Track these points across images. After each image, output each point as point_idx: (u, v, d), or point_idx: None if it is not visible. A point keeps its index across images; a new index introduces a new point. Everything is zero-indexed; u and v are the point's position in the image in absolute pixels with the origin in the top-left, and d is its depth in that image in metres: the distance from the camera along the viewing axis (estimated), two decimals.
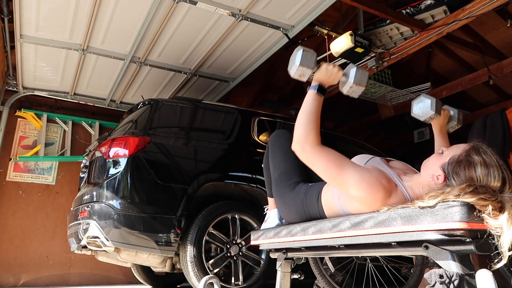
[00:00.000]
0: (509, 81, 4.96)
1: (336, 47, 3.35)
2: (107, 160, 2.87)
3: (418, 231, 1.11)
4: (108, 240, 2.66)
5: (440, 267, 1.12)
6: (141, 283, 3.90)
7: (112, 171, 2.81)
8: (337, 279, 2.33)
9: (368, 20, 3.68)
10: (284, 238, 1.66)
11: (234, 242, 2.90)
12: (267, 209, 2.00)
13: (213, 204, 2.92)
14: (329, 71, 1.51)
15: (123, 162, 2.79)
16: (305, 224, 1.55)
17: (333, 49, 3.39)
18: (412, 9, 3.38)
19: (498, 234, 1.02)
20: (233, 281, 2.83)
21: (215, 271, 2.80)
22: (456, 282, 1.15)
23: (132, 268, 3.76)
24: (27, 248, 4.57)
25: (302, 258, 1.81)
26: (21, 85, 4.47)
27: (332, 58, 3.72)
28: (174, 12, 3.20)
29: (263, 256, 2.96)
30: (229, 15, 3.20)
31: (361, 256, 2.20)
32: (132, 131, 2.94)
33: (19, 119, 4.87)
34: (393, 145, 6.75)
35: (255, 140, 3.33)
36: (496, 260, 1.03)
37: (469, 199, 1.05)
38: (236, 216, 2.95)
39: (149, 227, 2.70)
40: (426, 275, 1.29)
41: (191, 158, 2.99)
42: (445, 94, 4.55)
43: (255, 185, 3.11)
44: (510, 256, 1.00)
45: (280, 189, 1.76)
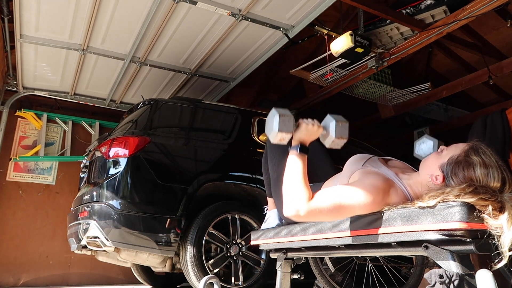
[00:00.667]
0: (509, 81, 4.96)
1: (336, 47, 3.35)
2: (107, 160, 2.87)
3: (418, 231, 1.11)
4: (108, 240, 2.66)
5: (440, 267, 1.12)
6: (141, 283, 3.89)
7: (112, 171, 2.81)
8: (337, 279, 2.33)
9: (368, 20, 3.68)
10: (284, 238, 1.67)
11: (234, 242, 2.90)
12: (267, 209, 2.01)
13: (213, 204, 2.92)
14: (309, 130, 1.43)
15: (123, 162, 2.79)
16: (305, 224, 1.55)
17: (333, 49, 3.39)
18: (412, 9, 3.38)
19: (498, 234, 1.02)
20: (233, 281, 2.83)
21: (215, 271, 2.80)
22: (456, 282, 1.15)
23: (132, 268, 3.76)
24: (27, 248, 4.57)
25: (302, 258, 1.81)
26: (21, 85, 4.47)
27: (332, 58, 3.72)
28: (174, 12, 3.20)
29: (263, 256, 2.96)
30: (229, 15, 3.20)
31: (361, 256, 2.20)
32: (132, 131, 2.94)
33: (19, 119, 4.87)
34: (393, 145, 6.75)
35: (255, 140, 3.33)
36: (496, 260, 1.03)
37: (469, 199, 1.05)
38: (236, 216, 2.95)
39: (149, 227, 2.70)
40: (426, 275, 1.29)
41: (191, 158, 2.99)
42: (445, 94, 4.55)
43: (255, 185, 3.11)
44: (510, 256, 1.00)
45: (279, 189, 1.76)
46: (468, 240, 1.04)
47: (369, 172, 1.38)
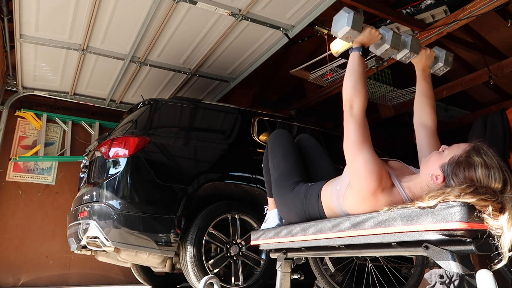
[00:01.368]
0: (510, 81, 4.95)
1: (336, 47, 3.36)
2: (107, 160, 2.87)
3: (418, 231, 1.10)
4: (108, 240, 2.66)
5: (440, 267, 1.12)
6: (141, 283, 3.89)
7: (112, 171, 2.81)
8: (337, 279, 2.33)
9: (368, 20, 3.67)
10: (284, 238, 1.66)
11: (234, 242, 2.90)
12: (267, 209, 2.00)
13: (213, 204, 2.92)
14: (371, 34, 1.55)
15: (123, 162, 2.78)
16: (305, 224, 1.55)
17: (333, 49, 3.40)
18: (412, 9, 3.38)
19: (498, 235, 1.02)
20: (233, 281, 2.83)
21: (215, 271, 2.80)
22: (456, 282, 1.15)
23: (132, 268, 3.76)
24: (27, 248, 4.57)
25: (302, 258, 1.81)
26: (21, 85, 4.47)
27: (332, 58, 3.72)
28: (174, 12, 3.20)
29: (263, 256, 2.95)
30: (229, 15, 3.20)
31: (361, 256, 2.20)
32: (132, 131, 2.94)
33: (18, 119, 4.87)
34: (393, 145, 6.74)
35: (255, 140, 3.33)
36: (497, 261, 1.03)
37: (470, 200, 1.05)
38: (236, 216, 2.95)
39: (149, 227, 2.70)
40: (426, 275, 1.28)
41: (191, 158, 2.99)
42: (445, 94, 4.55)
43: (255, 185, 3.10)
44: (510, 256, 1.00)
45: (279, 189, 1.76)
46: (468, 240, 1.04)
47: (384, 163, 1.43)
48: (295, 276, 1.87)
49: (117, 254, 2.81)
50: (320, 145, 1.99)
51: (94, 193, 2.86)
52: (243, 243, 2.92)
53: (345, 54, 3.40)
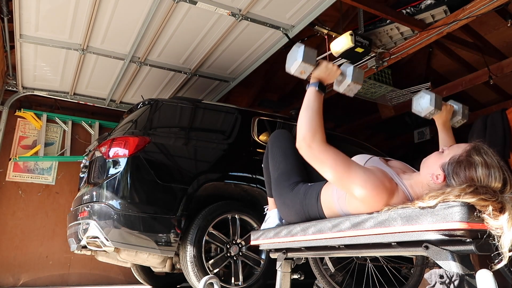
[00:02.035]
0: (510, 81, 4.96)
1: (336, 47, 3.35)
2: (107, 160, 2.87)
3: (418, 231, 1.10)
4: (108, 240, 2.66)
5: (440, 267, 1.12)
6: (141, 283, 3.89)
7: (112, 171, 2.81)
8: (337, 279, 2.32)
9: (368, 20, 3.67)
10: (284, 238, 1.66)
11: (234, 242, 2.90)
12: (267, 209, 2.00)
13: (213, 204, 2.92)
14: (328, 69, 1.51)
15: (123, 162, 2.78)
16: (305, 224, 1.55)
17: (333, 49, 3.39)
18: (412, 9, 3.38)
19: (498, 235, 1.01)
20: (233, 281, 2.83)
21: (215, 271, 2.80)
22: (456, 282, 1.15)
23: (132, 268, 3.76)
24: (27, 248, 4.57)
25: (302, 258, 1.81)
26: (21, 85, 4.47)
27: (332, 58, 3.71)
28: (174, 12, 3.20)
29: (263, 256, 2.95)
30: (229, 15, 3.20)
31: (361, 256, 2.19)
32: (132, 131, 2.94)
33: (18, 119, 4.87)
34: (393, 145, 6.75)
35: (255, 140, 3.33)
36: (497, 261, 1.03)
37: (470, 200, 1.05)
38: (236, 216, 2.94)
39: (149, 227, 2.70)
40: (426, 275, 1.28)
41: (191, 158, 2.99)
42: (446, 94, 4.54)
43: (255, 185, 3.10)
44: (510, 256, 1.00)
45: (279, 189, 1.75)
46: (468, 240, 1.04)
47: (379, 169, 1.39)
48: (295, 276, 1.87)
49: (117, 254, 2.81)
50: None
51: (94, 193, 2.86)
52: (243, 243, 2.92)
53: (345, 54, 3.40)
